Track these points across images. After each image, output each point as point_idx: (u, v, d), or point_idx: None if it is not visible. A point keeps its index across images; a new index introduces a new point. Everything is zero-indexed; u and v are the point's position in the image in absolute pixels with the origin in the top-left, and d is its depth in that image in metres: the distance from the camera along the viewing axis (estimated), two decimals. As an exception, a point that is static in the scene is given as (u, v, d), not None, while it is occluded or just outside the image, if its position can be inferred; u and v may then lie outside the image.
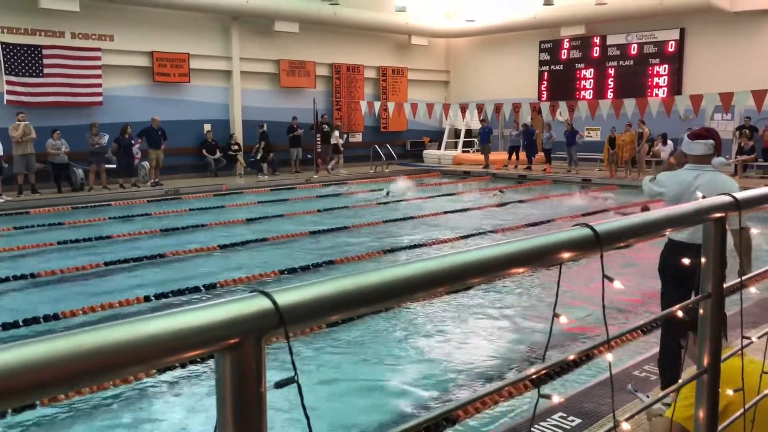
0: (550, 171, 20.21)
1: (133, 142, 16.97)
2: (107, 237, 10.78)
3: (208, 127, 19.53)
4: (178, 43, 18.87)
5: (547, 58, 23.54)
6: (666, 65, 20.95)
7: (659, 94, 20.46)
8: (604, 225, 1.50)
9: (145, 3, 17.79)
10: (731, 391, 2.26)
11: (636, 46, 21.52)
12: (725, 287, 1.98)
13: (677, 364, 4.01)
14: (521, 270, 1.39)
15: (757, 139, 17.88)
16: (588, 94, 22.28)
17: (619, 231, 1.56)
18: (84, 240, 10.48)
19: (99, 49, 17.38)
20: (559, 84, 23.16)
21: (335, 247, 10.11)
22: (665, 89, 20.78)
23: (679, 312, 1.98)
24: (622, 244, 1.64)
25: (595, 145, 21.05)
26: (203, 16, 19.32)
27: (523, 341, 6.11)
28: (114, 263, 8.91)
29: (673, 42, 20.72)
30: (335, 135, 21.08)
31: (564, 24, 22.21)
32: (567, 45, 23.01)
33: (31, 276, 8.20)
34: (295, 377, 0.94)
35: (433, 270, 1.15)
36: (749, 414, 2.29)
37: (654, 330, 5.80)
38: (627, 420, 1.77)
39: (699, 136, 4.29)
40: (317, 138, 20.37)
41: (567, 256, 1.41)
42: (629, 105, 17.15)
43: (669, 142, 19.76)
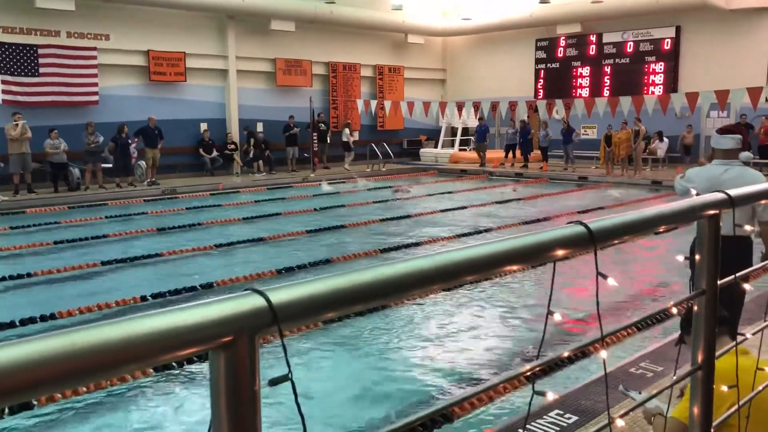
0: (546, 169, 20.23)
1: (131, 141, 16.95)
2: (104, 236, 10.76)
3: (205, 126, 19.52)
4: (174, 42, 18.84)
5: (544, 56, 23.56)
6: (662, 63, 20.98)
7: (655, 91, 20.49)
8: (597, 222, 1.50)
9: (141, 2, 17.76)
10: (725, 388, 2.27)
11: (632, 43, 21.55)
12: (719, 284, 1.99)
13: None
14: (515, 268, 1.39)
15: (753, 137, 17.91)
16: (584, 92, 22.31)
17: (613, 228, 1.56)
18: (80, 239, 10.47)
19: (95, 49, 17.36)
20: (556, 82, 23.17)
21: (333, 246, 10.11)
22: (661, 87, 20.81)
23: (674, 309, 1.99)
24: (616, 241, 1.64)
25: (592, 143, 21.09)
26: (199, 14, 19.29)
27: (518, 338, 6.12)
28: (111, 263, 8.90)
29: (669, 40, 20.74)
30: (346, 133, 21.37)
31: (560, 22, 22.24)
32: (563, 43, 23.03)
33: (28, 275, 8.19)
34: (290, 375, 0.94)
35: (427, 268, 1.15)
36: (744, 410, 2.30)
37: (649, 327, 5.83)
38: (621, 417, 1.78)
39: (727, 131, 4.51)
40: (314, 137, 20.40)
41: (561, 253, 1.41)
42: (625, 103, 17.18)
43: (665, 139, 19.84)
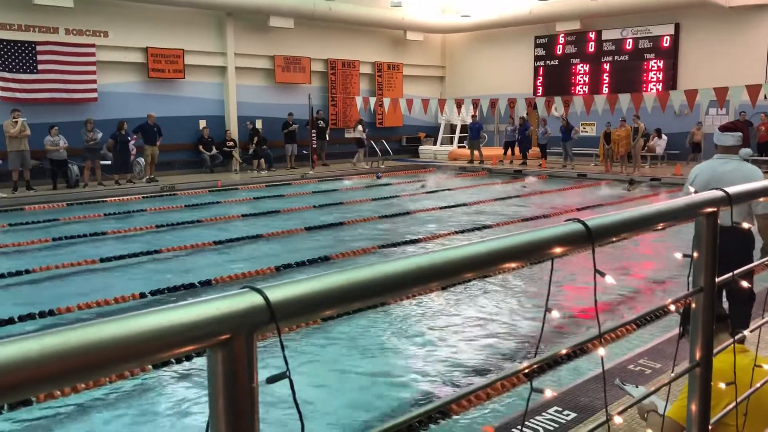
0: (545, 166, 20.23)
1: (130, 138, 16.93)
2: (102, 233, 10.76)
3: (203, 123, 19.51)
4: (172, 39, 18.81)
5: (543, 53, 23.54)
6: (661, 60, 20.97)
7: (654, 89, 20.49)
8: (595, 220, 1.50)
9: (140, -1, 17.75)
10: (723, 385, 2.27)
11: (631, 41, 21.54)
12: (717, 281, 1.99)
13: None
14: (513, 265, 1.39)
15: (753, 134, 17.91)
16: (583, 89, 22.31)
17: (611, 226, 1.56)
18: (79, 236, 10.46)
19: (93, 45, 17.33)
20: (555, 79, 23.16)
21: (332, 243, 10.11)
22: (660, 84, 20.80)
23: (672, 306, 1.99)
24: (614, 238, 1.64)
25: (591, 140, 21.10)
26: (198, 11, 19.25)
27: (516, 335, 6.12)
28: (109, 260, 8.90)
29: (668, 37, 20.73)
30: (358, 129, 21.40)
31: (559, 19, 22.22)
32: (562, 40, 23.01)
33: (26, 272, 8.20)
34: (287, 372, 0.94)
35: (425, 265, 1.15)
36: (741, 407, 2.31)
37: (647, 324, 5.83)
38: (620, 414, 1.78)
39: (728, 128, 4.75)
40: (312, 134, 20.39)
41: (559, 251, 1.41)
42: (624, 100, 17.17)
43: (664, 136, 19.85)
